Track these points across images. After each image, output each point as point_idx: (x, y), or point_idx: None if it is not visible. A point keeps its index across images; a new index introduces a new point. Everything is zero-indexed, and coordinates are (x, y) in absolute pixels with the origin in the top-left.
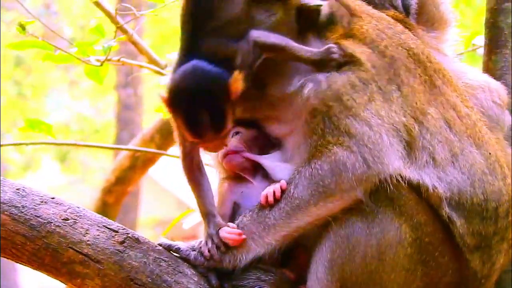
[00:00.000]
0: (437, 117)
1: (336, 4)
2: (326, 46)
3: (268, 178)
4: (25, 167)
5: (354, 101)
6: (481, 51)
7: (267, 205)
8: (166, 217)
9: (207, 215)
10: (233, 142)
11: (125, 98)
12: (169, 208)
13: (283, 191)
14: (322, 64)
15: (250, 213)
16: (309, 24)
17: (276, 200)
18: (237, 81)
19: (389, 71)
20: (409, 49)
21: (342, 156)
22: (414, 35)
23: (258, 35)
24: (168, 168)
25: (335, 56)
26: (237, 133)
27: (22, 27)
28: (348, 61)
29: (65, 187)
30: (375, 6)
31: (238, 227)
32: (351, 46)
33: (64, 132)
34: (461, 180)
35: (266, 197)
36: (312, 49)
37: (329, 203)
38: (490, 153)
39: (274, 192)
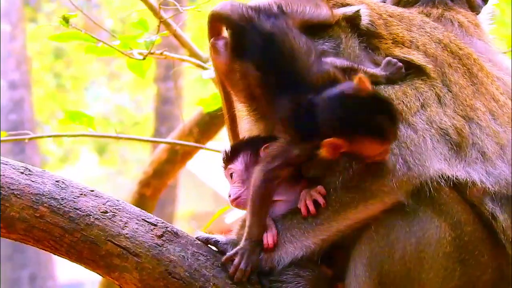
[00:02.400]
0: (483, 110)
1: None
2: (385, 61)
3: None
4: (63, 159)
5: (404, 106)
6: None
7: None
8: (202, 210)
9: (255, 229)
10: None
11: (165, 91)
12: (206, 201)
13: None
14: (392, 80)
15: (290, 216)
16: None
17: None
18: None
19: (437, 72)
20: (442, 42)
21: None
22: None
23: (331, 61)
24: (206, 161)
25: (400, 68)
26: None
27: (66, 20)
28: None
29: (102, 179)
30: None
31: (277, 230)
32: (404, 54)
33: (103, 125)
34: (508, 173)
35: (306, 206)
36: (376, 69)
37: (369, 206)
38: None
39: (315, 201)
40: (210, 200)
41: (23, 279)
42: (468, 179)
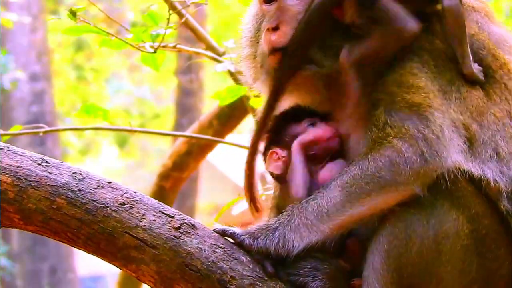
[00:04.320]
0: (501, 114)
1: None
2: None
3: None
4: (84, 151)
5: (421, 96)
6: None
7: (321, 193)
8: (224, 203)
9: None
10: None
11: (185, 84)
12: (228, 194)
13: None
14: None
15: (305, 201)
16: None
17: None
18: None
19: (451, 72)
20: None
21: (401, 148)
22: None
23: None
24: (227, 153)
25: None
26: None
27: (73, 14)
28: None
29: (123, 171)
30: None
31: (291, 214)
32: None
33: (123, 117)
34: None
35: None
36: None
37: (383, 194)
38: None
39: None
40: (231, 192)
41: (43, 272)
42: (482, 177)
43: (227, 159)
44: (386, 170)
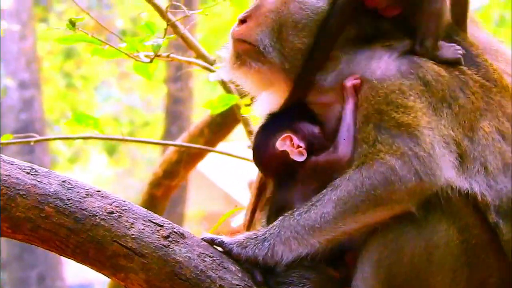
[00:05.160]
0: (490, 130)
1: None
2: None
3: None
4: (73, 159)
5: (412, 116)
6: None
7: (314, 206)
8: (213, 211)
9: None
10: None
11: (175, 92)
12: (217, 202)
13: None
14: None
15: (296, 213)
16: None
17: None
18: None
19: (443, 89)
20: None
21: (394, 166)
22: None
23: None
24: (217, 162)
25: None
26: None
27: (72, 24)
28: None
29: (112, 179)
30: None
31: (281, 226)
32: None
33: (113, 125)
34: (511, 189)
35: None
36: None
37: (378, 212)
38: None
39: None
40: (221, 201)
41: (32, 279)
42: (469, 191)
43: (216, 167)
44: (381, 189)
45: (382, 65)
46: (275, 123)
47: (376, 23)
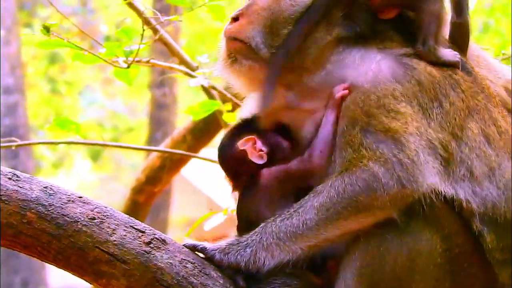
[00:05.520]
0: (476, 131)
1: None
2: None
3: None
4: (57, 164)
5: (397, 121)
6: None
7: (296, 213)
8: (197, 217)
9: None
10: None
11: (159, 97)
12: (201, 208)
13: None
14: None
15: (279, 219)
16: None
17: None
18: None
19: (434, 88)
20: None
21: (377, 173)
22: None
23: None
24: (201, 167)
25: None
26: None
27: (47, 29)
28: None
29: (96, 184)
30: None
31: (264, 232)
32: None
33: (97, 130)
34: (496, 195)
35: None
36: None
37: (360, 219)
38: None
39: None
40: (204, 206)
41: (15, 285)
42: (454, 197)
43: (200, 172)
44: (363, 195)
45: (375, 67)
46: (245, 127)
47: (373, 24)
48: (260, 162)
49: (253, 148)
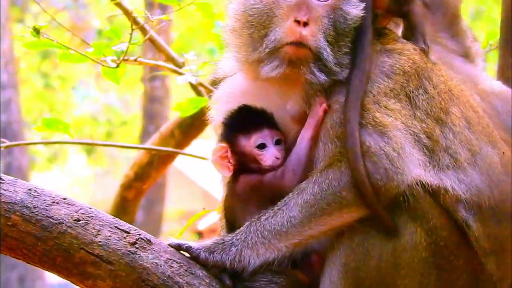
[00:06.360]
0: (459, 115)
1: None
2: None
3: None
4: (52, 159)
5: (383, 114)
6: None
7: (280, 211)
8: (192, 209)
9: None
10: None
11: (152, 91)
12: (196, 200)
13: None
14: None
15: (263, 218)
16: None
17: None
18: None
19: (418, 73)
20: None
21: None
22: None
23: None
24: (195, 160)
25: None
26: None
27: (37, 31)
28: None
29: (91, 179)
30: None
31: (248, 231)
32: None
33: (91, 124)
34: (479, 181)
35: None
36: None
37: (344, 214)
38: (503, 152)
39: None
40: (200, 199)
41: (12, 281)
42: (440, 186)
43: (195, 165)
44: (347, 190)
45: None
46: (231, 128)
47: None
48: (226, 174)
49: (222, 158)
